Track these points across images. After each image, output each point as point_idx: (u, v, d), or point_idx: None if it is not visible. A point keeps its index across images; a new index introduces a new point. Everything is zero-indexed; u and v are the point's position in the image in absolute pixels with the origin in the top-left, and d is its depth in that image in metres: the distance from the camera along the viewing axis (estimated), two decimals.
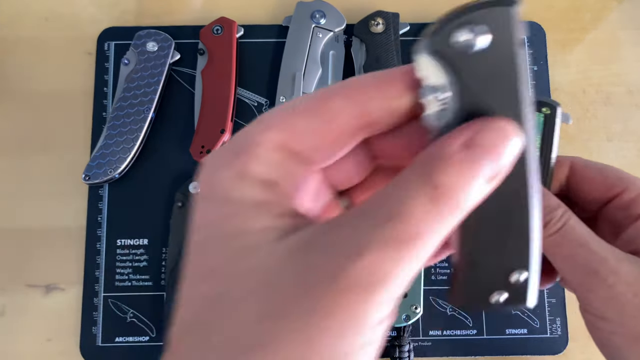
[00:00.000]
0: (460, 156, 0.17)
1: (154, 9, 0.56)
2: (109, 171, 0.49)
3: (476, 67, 0.18)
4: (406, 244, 0.16)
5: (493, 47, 0.17)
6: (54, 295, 0.49)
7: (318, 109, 0.19)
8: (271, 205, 0.18)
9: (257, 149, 0.19)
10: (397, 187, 0.17)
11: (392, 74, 0.19)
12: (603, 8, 0.57)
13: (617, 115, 0.54)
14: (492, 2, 0.17)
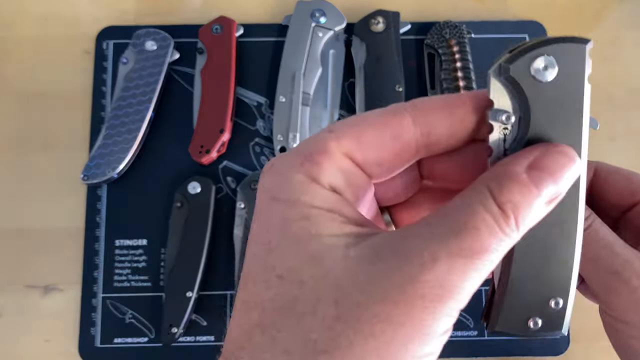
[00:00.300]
0: (525, 177, 0.18)
1: (153, 8, 0.55)
2: (107, 171, 0.49)
3: (545, 96, 0.20)
4: (471, 257, 0.17)
5: (563, 79, 0.20)
6: (52, 295, 0.49)
7: (387, 123, 0.20)
8: (339, 211, 0.19)
9: (328, 155, 0.19)
10: (463, 202, 0.18)
11: (460, 99, 0.20)
12: (604, 7, 0.56)
13: (620, 116, 0.54)
14: (568, 38, 0.20)
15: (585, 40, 0.20)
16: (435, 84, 0.52)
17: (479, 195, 0.18)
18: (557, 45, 0.19)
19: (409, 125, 0.20)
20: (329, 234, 0.18)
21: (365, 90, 0.51)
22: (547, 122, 0.19)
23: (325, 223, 0.18)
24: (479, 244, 0.17)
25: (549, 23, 0.55)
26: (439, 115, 0.20)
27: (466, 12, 0.56)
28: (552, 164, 0.19)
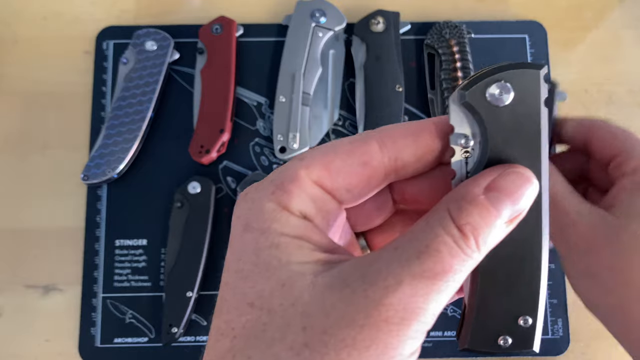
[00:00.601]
0: (483, 198, 0.19)
1: (153, 8, 0.55)
2: (107, 171, 0.49)
3: (502, 120, 0.20)
4: (433, 279, 0.18)
5: (519, 103, 0.20)
6: (52, 295, 0.49)
7: (355, 151, 0.21)
8: (308, 238, 0.20)
9: (298, 183, 0.20)
10: (426, 225, 0.19)
11: (425, 125, 0.21)
12: (604, 7, 0.56)
13: (619, 115, 0.54)
14: (523, 64, 0.20)
15: (539, 66, 0.20)
16: (435, 84, 0.52)
17: (439, 218, 0.19)
18: (512, 72, 0.20)
19: (377, 152, 0.21)
20: (298, 262, 0.19)
21: (365, 90, 0.51)
22: (506, 144, 0.20)
23: (295, 250, 0.19)
24: (440, 265, 0.18)
25: (549, 23, 0.55)
26: (405, 142, 0.21)
27: (466, 12, 0.56)
28: (509, 185, 0.19)
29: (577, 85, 0.54)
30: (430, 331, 0.48)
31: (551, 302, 0.49)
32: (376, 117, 0.50)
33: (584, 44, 0.55)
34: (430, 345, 0.48)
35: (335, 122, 0.52)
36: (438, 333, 0.48)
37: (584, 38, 0.56)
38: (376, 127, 0.54)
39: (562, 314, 0.49)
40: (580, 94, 0.54)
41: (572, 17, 0.56)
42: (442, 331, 0.48)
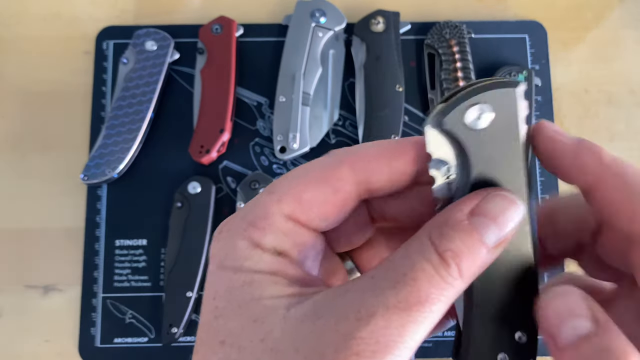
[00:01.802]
0: (466, 224, 0.18)
1: (153, 8, 0.55)
2: (107, 171, 0.49)
3: (482, 142, 0.19)
4: (409, 310, 0.17)
5: (498, 123, 0.19)
6: (52, 296, 0.49)
7: (326, 180, 0.20)
8: (282, 273, 0.19)
9: (270, 220, 0.20)
10: (404, 253, 0.18)
11: (402, 147, 0.20)
12: (605, 7, 0.56)
13: (620, 115, 0.54)
14: (497, 83, 0.19)
15: (515, 83, 0.19)
16: (435, 84, 0.52)
17: (420, 245, 0.18)
18: (488, 93, 0.19)
19: (348, 177, 0.20)
20: (271, 296, 0.18)
21: (365, 90, 0.51)
22: (488, 167, 0.20)
23: (268, 286, 0.19)
24: (416, 295, 0.17)
25: (549, 23, 0.55)
26: (378, 165, 0.20)
27: (466, 12, 0.55)
28: (493, 209, 0.18)
29: (577, 85, 0.54)
30: None
31: None
32: (376, 117, 0.50)
33: (584, 44, 0.55)
34: (431, 345, 0.48)
35: (335, 122, 0.52)
36: (439, 334, 0.48)
37: (584, 38, 0.56)
38: (376, 127, 0.54)
39: None
40: (580, 94, 0.54)
41: (572, 17, 0.56)
42: (442, 331, 0.48)
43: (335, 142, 0.52)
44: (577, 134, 0.57)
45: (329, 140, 0.52)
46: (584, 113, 0.54)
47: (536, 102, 0.53)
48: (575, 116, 0.53)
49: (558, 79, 0.54)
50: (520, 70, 0.52)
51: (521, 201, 0.19)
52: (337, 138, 0.52)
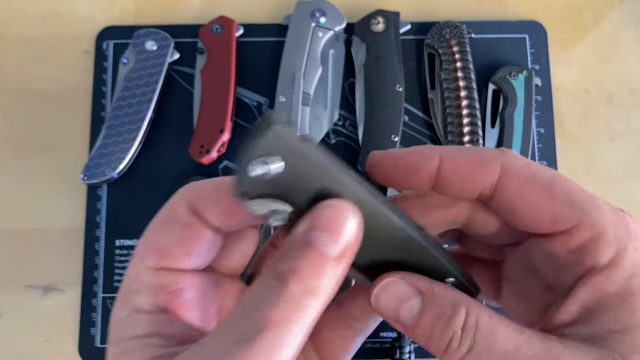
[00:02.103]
0: (301, 241, 0.18)
1: (153, 7, 0.55)
2: (107, 171, 0.49)
3: (291, 179, 0.18)
4: (250, 342, 0.16)
5: (291, 161, 0.18)
6: (52, 296, 0.49)
7: (171, 220, 0.21)
8: (159, 333, 0.19)
9: (139, 279, 0.20)
10: (249, 288, 0.18)
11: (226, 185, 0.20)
12: (605, 7, 0.56)
13: (619, 115, 0.54)
14: (261, 127, 0.18)
15: (267, 123, 0.19)
16: (435, 84, 0.52)
17: (261, 276, 0.18)
18: (258, 145, 0.18)
19: (186, 212, 0.21)
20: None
21: (365, 90, 0.51)
22: (315, 190, 0.19)
23: (138, 351, 0.19)
24: (259, 323, 0.16)
25: (549, 23, 0.55)
26: (210, 200, 0.21)
27: (466, 12, 0.55)
28: (324, 220, 0.18)
29: (577, 85, 0.54)
30: None
31: None
32: (376, 117, 0.50)
33: (584, 44, 0.55)
34: None
35: (335, 122, 0.52)
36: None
37: (584, 38, 0.56)
38: (376, 127, 0.54)
39: None
40: (580, 94, 0.54)
41: (572, 17, 0.56)
42: None
43: (335, 142, 0.52)
44: (577, 134, 0.57)
45: (329, 140, 0.52)
46: (584, 113, 0.54)
47: (536, 102, 0.53)
48: (575, 116, 0.53)
49: (558, 78, 0.54)
50: (520, 71, 0.52)
51: (352, 207, 0.18)
52: (337, 138, 0.52)
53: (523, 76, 0.52)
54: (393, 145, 0.49)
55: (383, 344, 0.48)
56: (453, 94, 0.51)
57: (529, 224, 0.21)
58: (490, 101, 0.52)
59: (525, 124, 0.51)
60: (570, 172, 0.52)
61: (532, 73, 0.52)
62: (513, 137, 0.50)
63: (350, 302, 0.25)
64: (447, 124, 0.50)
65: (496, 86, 0.52)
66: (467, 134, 0.50)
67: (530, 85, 0.52)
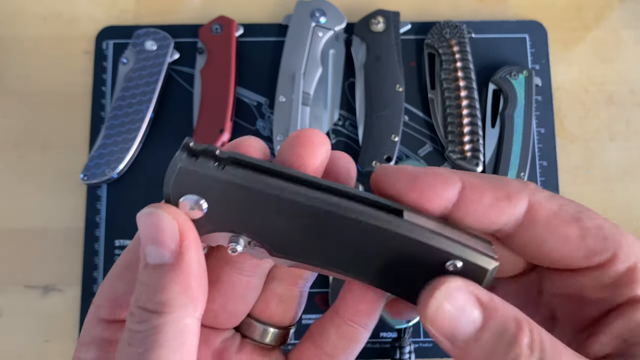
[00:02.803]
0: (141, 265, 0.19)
1: (152, 7, 0.55)
2: (107, 171, 0.49)
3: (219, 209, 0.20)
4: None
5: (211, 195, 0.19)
6: (52, 296, 0.49)
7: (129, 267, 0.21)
8: None
9: (90, 334, 0.21)
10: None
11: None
12: (605, 6, 0.56)
13: (620, 115, 0.54)
14: (170, 170, 0.20)
15: (174, 165, 0.21)
16: (435, 84, 0.52)
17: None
18: (171, 188, 0.20)
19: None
20: None
21: (365, 90, 0.51)
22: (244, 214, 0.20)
23: None
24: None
25: (549, 23, 0.55)
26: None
27: (466, 11, 0.55)
28: (141, 229, 0.21)
29: (578, 85, 0.54)
30: None
31: None
32: (376, 117, 0.50)
33: (584, 44, 0.55)
34: (431, 346, 0.48)
35: (335, 122, 0.52)
36: None
37: (585, 38, 0.56)
38: (376, 127, 0.54)
39: None
40: (580, 94, 0.54)
41: (572, 16, 0.56)
42: None
43: (335, 142, 0.52)
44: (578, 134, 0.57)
45: (329, 140, 0.52)
46: (584, 113, 0.54)
47: (536, 102, 0.53)
48: (575, 116, 0.53)
49: (558, 78, 0.54)
50: (520, 70, 0.52)
51: (153, 208, 0.20)
52: (337, 138, 0.52)
53: (523, 76, 0.52)
54: (393, 145, 0.49)
55: (383, 344, 0.48)
56: (453, 94, 0.51)
57: (559, 259, 0.20)
58: (491, 101, 0.52)
59: (526, 124, 0.51)
60: (570, 172, 0.52)
61: (532, 73, 0.52)
62: (513, 137, 0.50)
63: (320, 335, 0.24)
64: (447, 124, 0.50)
65: (496, 86, 0.52)
66: (467, 134, 0.50)
67: (530, 85, 0.52)
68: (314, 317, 0.48)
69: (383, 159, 0.49)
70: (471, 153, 0.49)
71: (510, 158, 0.50)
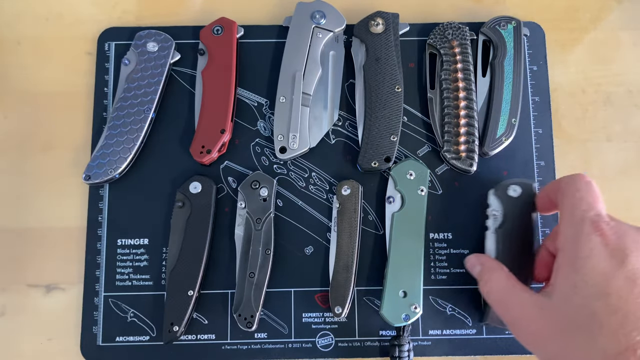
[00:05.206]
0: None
1: (154, 9, 0.56)
2: (109, 171, 0.49)
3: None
4: None
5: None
6: (54, 295, 0.50)
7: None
8: None
9: None
10: None
11: None
12: (603, 8, 0.57)
13: (617, 116, 0.54)
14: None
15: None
16: (435, 84, 0.53)
17: None
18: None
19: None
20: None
21: (364, 91, 0.51)
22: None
23: None
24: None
25: (547, 24, 0.55)
26: None
27: (465, 13, 0.56)
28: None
29: (575, 85, 0.55)
30: (430, 330, 0.48)
31: None
32: (376, 117, 0.50)
33: (582, 45, 0.56)
34: (430, 344, 0.49)
35: (335, 123, 0.52)
36: (437, 332, 0.49)
37: (582, 39, 0.56)
38: (376, 127, 0.55)
39: None
40: (578, 95, 0.54)
41: (570, 18, 0.56)
42: (440, 330, 0.49)
43: (335, 142, 0.52)
44: (575, 135, 0.59)
45: (329, 141, 0.52)
46: (581, 114, 0.54)
47: (534, 103, 0.53)
48: (573, 117, 0.54)
49: (556, 79, 0.54)
50: (509, 21, 0.53)
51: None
52: (337, 138, 0.52)
53: (512, 26, 0.53)
54: (392, 146, 0.50)
55: (382, 342, 0.48)
56: (452, 94, 0.51)
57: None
58: (481, 51, 0.53)
59: (515, 72, 0.52)
60: (567, 172, 0.52)
61: (521, 23, 0.53)
62: (504, 85, 0.52)
63: None
64: (445, 123, 0.51)
65: (486, 36, 0.53)
66: (464, 134, 0.50)
67: (519, 34, 0.53)
68: (314, 315, 0.49)
69: (382, 159, 0.50)
70: (466, 153, 0.50)
71: (501, 105, 0.51)
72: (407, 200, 0.49)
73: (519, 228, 0.46)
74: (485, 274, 0.41)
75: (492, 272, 0.41)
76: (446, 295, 0.49)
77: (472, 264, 0.44)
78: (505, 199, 0.47)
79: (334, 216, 0.49)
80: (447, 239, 0.50)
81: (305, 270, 0.49)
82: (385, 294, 0.47)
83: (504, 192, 0.48)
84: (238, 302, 0.47)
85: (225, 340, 0.48)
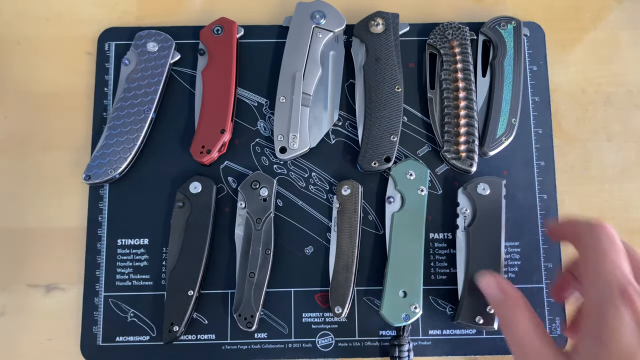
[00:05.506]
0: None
1: (154, 9, 0.56)
2: (109, 171, 0.49)
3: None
4: None
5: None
6: (54, 295, 0.50)
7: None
8: None
9: None
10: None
11: None
12: (603, 8, 0.57)
13: (617, 116, 0.54)
14: None
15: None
16: (435, 84, 0.53)
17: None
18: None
19: None
20: None
21: (364, 91, 0.51)
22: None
23: None
24: None
25: (547, 24, 0.55)
26: None
27: (465, 13, 0.56)
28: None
29: (575, 86, 0.55)
30: (430, 330, 0.48)
31: (549, 301, 0.49)
32: (375, 117, 0.50)
33: (582, 45, 0.56)
34: (430, 344, 0.49)
35: (335, 123, 0.53)
36: (437, 332, 0.49)
37: (582, 39, 0.56)
38: (376, 127, 0.55)
39: (559, 312, 0.49)
40: (578, 95, 0.54)
41: (570, 18, 0.56)
42: (440, 330, 0.49)
43: (335, 142, 0.52)
44: (575, 135, 0.59)
45: (329, 141, 0.52)
46: (581, 114, 0.54)
47: (534, 103, 0.53)
48: (572, 117, 0.54)
49: (556, 79, 0.54)
50: (509, 21, 0.53)
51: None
52: (337, 138, 0.52)
53: (512, 26, 0.53)
54: (392, 146, 0.50)
55: (382, 342, 0.49)
56: (452, 94, 0.51)
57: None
58: (481, 51, 0.53)
59: (515, 72, 0.52)
60: (567, 173, 0.53)
61: (521, 23, 0.53)
62: (504, 85, 0.52)
63: None
64: (444, 123, 0.51)
65: (486, 36, 0.53)
66: (464, 134, 0.50)
67: (519, 34, 0.53)
68: (314, 315, 0.49)
69: (382, 159, 0.50)
70: (466, 154, 0.50)
71: (501, 105, 0.51)
72: (407, 200, 0.49)
73: (489, 226, 0.47)
74: (509, 310, 0.38)
75: (516, 310, 0.38)
76: (446, 295, 0.49)
77: (489, 286, 0.41)
78: (475, 197, 0.48)
79: (334, 216, 0.49)
80: (447, 239, 0.50)
81: (305, 270, 0.49)
82: (385, 294, 0.47)
83: (473, 190, 0.49)
84: (238, 302, 0.47)
85: (225, 340, 0.48)
